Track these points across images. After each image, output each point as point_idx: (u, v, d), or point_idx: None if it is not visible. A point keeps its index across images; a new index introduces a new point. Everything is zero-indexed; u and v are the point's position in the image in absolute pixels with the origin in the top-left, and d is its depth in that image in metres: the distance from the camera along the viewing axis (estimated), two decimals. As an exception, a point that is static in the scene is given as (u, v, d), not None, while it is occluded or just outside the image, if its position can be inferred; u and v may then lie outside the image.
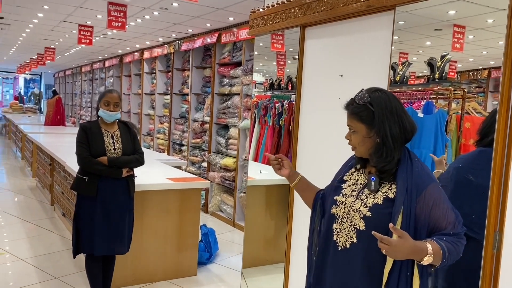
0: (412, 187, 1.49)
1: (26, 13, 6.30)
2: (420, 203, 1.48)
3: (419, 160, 1.58)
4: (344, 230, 1.59)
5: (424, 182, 1.50)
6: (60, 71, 18.41)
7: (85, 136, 2.99)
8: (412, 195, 1.48)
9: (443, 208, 1.47)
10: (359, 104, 1.56)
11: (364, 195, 1.58)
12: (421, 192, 1.48)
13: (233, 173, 5.90)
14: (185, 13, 5.51)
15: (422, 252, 1.39)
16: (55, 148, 5.69)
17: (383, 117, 1.52)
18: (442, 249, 1.41)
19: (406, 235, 1.38)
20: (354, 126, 1.58)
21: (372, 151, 1.55)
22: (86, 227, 2.98)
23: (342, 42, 2.67)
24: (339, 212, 1.62)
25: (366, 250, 1.52)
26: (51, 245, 4.61)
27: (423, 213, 1.47)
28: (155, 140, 8.68)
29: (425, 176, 1.52)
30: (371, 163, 1.59)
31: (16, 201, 6.52)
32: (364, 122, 1.55)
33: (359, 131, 1.57)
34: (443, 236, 1.44)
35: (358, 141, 1.58)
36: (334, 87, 2.68)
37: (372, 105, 1.54)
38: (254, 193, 3.88)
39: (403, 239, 1.37)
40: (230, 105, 6.09)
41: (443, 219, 1.46)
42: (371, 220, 1.52)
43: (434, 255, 1.39)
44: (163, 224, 3.81)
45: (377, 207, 1.52)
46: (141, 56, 9.21)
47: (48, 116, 10.43)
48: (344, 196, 1.63)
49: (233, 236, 5.45)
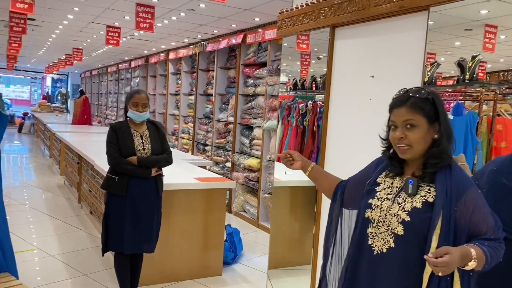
0: (452, 191, 1.45)
1: (56, 15, 6.45)
2: (460, 207, 1.44)
3: (457, 164, 1.54)
4: (381, 235, 1.55)
5: (465, 186, 1.47)
6: (86, 71, 18.78)
7: (115, 137, 3.04)
8: (452, 199, 1.44)
9: (483, 213, 1.44)
10: (420, 97, 1.50)
11: (402, 199, 1.53)
12: (462, 196, 1.45)
13: (257, 174, 5.91)
14: (212, 14, 5.55)
15: (467, 258, 1.36)
16: (83, 147, 5.80)
17: (443, 111, 1.50)
18: (485, 254, 1.38)
19: (450, 249, 1.34)
20: (416, 120, 1.49)
21: (429, 147, 1.50)
22: (115, 225, 3.03)
23: (373, 43, 2.64)
24: (374, 216, 1.58)
25: (404, 254, 1.49)
26: (79, 242, 4.70)
27: (463, 218, 1.44)
28: (180, 140, 8.76)
29: (465, 180, 1.49)
30: (413, 164, 1.55)
31: (44, 199, 6.67)
32: (426, 115, 1.49)
33: (420, 125, 1.49)
34: (485, 241, 1.41)
35: (418, 137, 1.49)
36: (365, 88, 2.65)
37: (433, 99, 1.50)
38: (280, 194, 3.87)
39: (451, 255, 1.31)
40: (254, 106, 6.10)
41: (483, 224, 1.44)
42: (410, 224, 1.48)
43: (478, 260, 1.37)
44: (189, 223, 3.84)
45: (416, 211, 1.48)
46: (167, 56, 9.31)
47: (75, 116, 10.65)
48: (380, 200, 1.59)
49: (257, 236, 5.45)
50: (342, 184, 1.85)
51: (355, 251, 1.66)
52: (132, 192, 3.02)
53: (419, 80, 2.33)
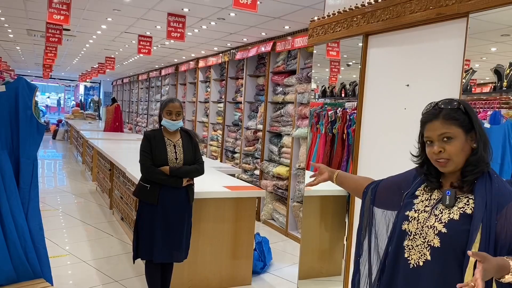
0: (492, 203, 1.40)
1: (91, 25, 6.64)
2: (501, 220, 1.38)
3: (498, 176, 1.48)
4: (417, 247, 1.51)
5: (506, 198, 1.41)
6: (118, 79, 19.20)
7: (148, 145, 3.07)
8: (492, 211, 1.39)
9: None
10: (452, 108, 1.47)
11: (439, 211, 1.49)
12: (502, 209, 1.39)
13: (286, 182, 5.87)
14: (241, 22, 5.58)
15: (504, 270, 1.30)
16: (115, 154, 5.91)
17: (477, 120, 1.48)
18: None
19: (488, 256, 1.28)
20: (452, 132, 1.45)
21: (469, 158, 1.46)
22: (146, 233, 3.05)
23: (407, 51, 2.58)
24: (411, 228, 1.54)
25: (441, 267, 1.44)
26: (111, 248, 4.77)
27: (503, 232, 1.38)
28: (209, 147, 8.82)
29: (506, 191, 1.43)
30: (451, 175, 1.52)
31: (76, 204, 6.83)
32: (461, 125, 1.45)
33: (457, 136, 1.45)
34: None
35: (457, 149, 1.45)
36: (400, 97, 2.59)
37: (465, 108, 1.47)
38: (310, 204, 3.83)
39: (487, 263, 1.26)
40: (283, 114, 6.07)
41: None
42: (447, 236, 1.44)
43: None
44: (218, 232, 3.84)
45: (453, 223, 1.44)
46: (196, 65, 9.41)
47: (108, 123, 10.88)
48: (417, 212, 1.55)
49: (286, 246, 5.40)
50: (375, 183, 1.86)
51: (390, 264, 1.62)
52: (163, 200, 3.04)
53: (457, 89, 2.26)
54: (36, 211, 2.69)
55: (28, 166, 2.63)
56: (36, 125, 2.69)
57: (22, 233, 2.55)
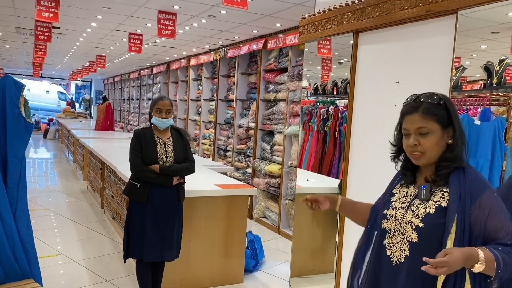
0: (466, 194, 1.41)
1: (80, 23, 6.57)
2: (475, 211, 1.39)
3: (472, 168, 1.49)
4: (397, 244, 1.53)
5: (479, 188, 1.42)
6: (109, 78, 19.08)
7: (138, 143, 3.05)
8: (466, 202, 1.40)
9: (501, 217, 1.38)
10: (433, 102, 1.48)
11: (415, 206, 1.50)
12: (476, 200, 1.40)
13: (278, 180, 5.86)
14: (233, 20, 5.55)
15: (473, 259, 1.32)
16: (106, 153, 5.87)
17: (455, 116, 1.47)
18: (496, 257, 1.32)
19: (452, 249, 1.32)
20: (429, 126, 1.46)
21: (443, 152, 1.47)
22: (137, 232, 3.03)
23: (398, 48, 2.58)
24: (390, 226, 1.56)
25: (421, 262, 1.41)
26: (102, 248, 4.74)
27: (478, 222, 1.39)
28: (201, 146, 8.80)
29: (480, 183, 1.44)
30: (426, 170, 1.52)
31: (67, 204, 6.77)
32: (439, 121, 1.46)
33: (434, 131, 1.46)
34: (498, 246, 1.36)
35: (432, 144, 1.46)
36: (390, 93, 2.59)
37: (446, 104, 1.48)
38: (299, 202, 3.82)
39: (450, 255, 1.29)
40: (275, 111, 6.07)
41: (500, 229, 1.38)
42: (423, 231, 1.45)
43: (486, 262, 1.31)
44: (210, 230, 3.82)
45: (429, 217, 1.45)
46: (188, 63, 9.37)
47: (99, 121, 10.81)
48: (394, 209, 1.56)
49: (278, 243, 5.40)
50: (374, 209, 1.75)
51: (374, 264, 1.63)
52: (153, 199, 3.02)
53: (447, 86, 2.26)
54: (24, 211, 2.65)
55: (16, 165, 2.60)
56: (23, 124, 2.65)
57: (10, 233, 2.52)
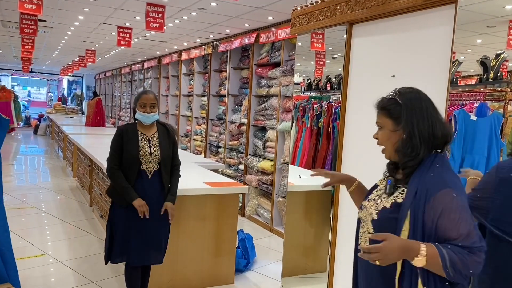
0: (422, 192, 1.39)
1: (67, 16, 6.39)
2: (428, 209, 1.37)
3: (443, 167, 1.44)
4: (363, 234, 1.59)
5: (435, 187, 1.38)
6: (100, 73, 18.86)
7: (119, 141, 2.88)
8: (420, 200, 1.38)
9: (453, 218, 1.34)
10: (388, 99, 1.54)
11: (380, 199, 1.55)
12: (430, 198, 1.37)
13: (270, 177, 5.75)
14: (224, 13, 5.41)
15: (413, 251, 1.32)
16: (93, 149, 5.72)
17: (411, 111, 1.47)
18: (441, 255, 1.31)
19: (390, 236, 1.34)
20: (381, 121, 1.54)
21: (398, 146, 1.49)
22: (121, 235, 2.88)
23: (393, 40, 2.46)
24: (361, 216, 1.61)
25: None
26: (89, 247, 4.60)
27: (430, 221, 1.37)
28: (192, 142, 8.65)
29: (439, 180, 1.40)
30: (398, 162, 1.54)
31: (56, 201, 6.61)
32: (391, 116, 1.50)
33: (385, 125, 1.52)
34: (448, 245, 1.34)
35: (383, 138, 1.53)
36: (385, 87, 2.45)
37: (400, 99, 1.50)
38: (294, 199, 3.71)
39: (388, 241, 1.32)
40: (268, 107, 5.94)
41: (452, 229, 1.34)
42: (377, 224, 1.50)
43: (428, 258, 1.31)
44: (199, 230, 3.70)
45: (384, 211, 1.49)
46: (179, 57, 9.22)
47: (89, 117, 10.64)
48: (368, 200, 1.60)
49: (270, 242, 5.29)
50: None
51: (355, 252, 1.69)
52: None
53: (445, 79, 2.15)
54: (1, 212, 2.52)
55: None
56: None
57: (-16, 236, 2.39)
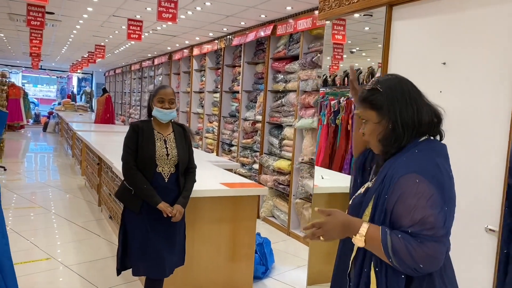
0: (388, 177, 1.31)
1: (75, 8, 6.14)
2: (389, 195, 1.29)
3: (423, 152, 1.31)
4: None
5: (401, 171, 1.28)
6: (110, 70, 18.69)
7: (134, 139, 2.60)
8: (385, 185, 1.31)
9: (408, 204, 1.23)
10: (368, 90, 1.40)
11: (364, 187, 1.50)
12: (393, 182, 1.29)
13: (287, 177, 5.44)
14: (239, 3, 5.11)
15: (353, 230, 1.28)
16: (103, 147, 5.47)
17: (392, 99, 1.35)
18: (383, 239, 1.22)
19: (336, 212, 1.31)
20: (365, 114, 1.41)
21: (381, 138, 1.38)
22: (136, 244, 2.59)
23: (443, 22, 2.14)
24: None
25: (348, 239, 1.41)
26: (97, 250, 4.34)
27: (389, 206, 1.28)
28: (204, 140, 8.37)
29: (406, 166, 1.29)
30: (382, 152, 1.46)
31: (64, 201, 6.37)
32: (374, 107, 1.38)
33: (370, 119, 1.40)
34: (399, 232, 1.24)
35: (369, 132, 1.40)
36: (434, 77, 2.16)
37: (381, 88, 1.37)
38: (320, 202, 3.40)
39: (331, 216, 1.30)
40: (284, 103, 5.63)
41: (405, 216, 1.24)
42: (350, 209, 1.48)
43: (367, 238, 1.26)
44: (216, 234, 3.41)
45: (357, 196, 1.47)
46: (190, 53, 8.94)
47: (98, 114, 10.42)
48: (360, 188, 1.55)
49: (288, 246, 4.99)
50: None
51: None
52: (149, 209, 2.57)
53: (509, 67, 1.83)
54: (-2, 216, 2.24)
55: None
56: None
57: (-21, 243, 2.11)
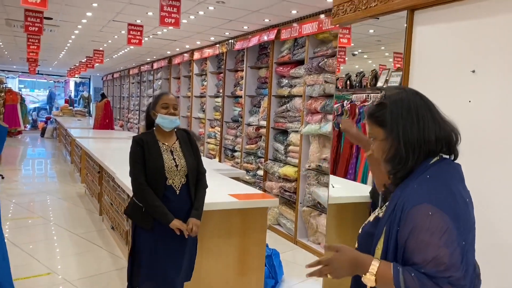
0: (399, 207, 1.21)
1: (74, 13, 6.00)
2: (401, 227, 1.19)
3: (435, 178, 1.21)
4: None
5: (411, 201, 1.18)
6: (108, 74, 18.53)
7: (141, 153, 2.46)
8: (396, 215, 1.21)
9: (421, 240, 1.14)
10: (376, 104, 1.34)
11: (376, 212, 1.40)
12: (405, 213, 1.18)
13: (294, 184, 5.31)
14: (243, 7, 4.99)
15: (362, 268, 1.18)
16: (104, 155, 5.32)
17: (396, 115, 1.26)
18: (396, 279, 1.12)
19: (344, 248, 1.23)
20: (372, 132, 1.33)
21: (386, 157, 1.30)
22: (147, 262, 2.46)
23: (471, 27, 2.02)
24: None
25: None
26: (100, 263, 4.20)
27: (401, 239, 1.19)
28: (206, 145, 8.24)
29: (417, 194, 1.19)
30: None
31: (64, 210, 6.22)
32: (380, 124, 1.30)
33: (377, 135, 1.32)
34: (413, 271, 1.13)
35: (378, 151, 1.32)
36: (462, 86, 2.03)
37: (388, 102, 1.29)
38: (335, 212, 3.27)
39: (338, 253, 1.21)
40: (290, 108, 5.51)
41: (417, 252, 1.14)
42: (359, 239, 1.39)
43: (378, 277, 1.15)
44: (224, 247, 3.27)
45: (367, 225, 1.38)
46: (191, 57, 8.81)
47: (97, 120, 10.27)
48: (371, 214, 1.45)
49: (295, 256, 4.86)
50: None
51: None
52: (161, 227, 2.44)
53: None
54: None
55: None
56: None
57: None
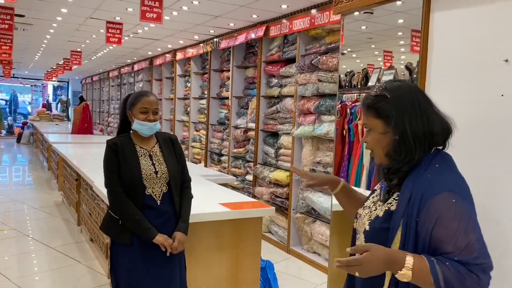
0: (416, 197, 1.18)
1: (48, 9, 5.60)
2: (422, 217, 1.16)
3: (444, 166, 1.23)
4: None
5: (432, 190, 1.17)
6: (87, 77, 18.02)
7: (115, 160, 2.16)
8: (414, 206, 1.18)
9: (450, 228, 1.12)
10: (375, 95, 1.32)
11: (375, 207, 1.37)
12: (426, 204, 1.16)
13: (286, 189, 5.03)
14: (230, 1, 4.69)
15: (397, 263, 1.13)
16: (81, 161, 4.95)
17: (401, 108, 1.26)
18: (433, 270, 1.10)
19: (373, 246, 1.16)
20: (369, 123, 1.33)
21: (388, 150, 1.29)
22: (128, 281, 2.15)
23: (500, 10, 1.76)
24: (356, 226, 1.45)
25: None
26: (78, 280, 3.83)
27: (424, 231, 1.16)
28: (190, 149, 7.90)
29: (436, 183, 1.18)
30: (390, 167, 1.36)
31: (40, 221, 5.80)
32: (380, 116, 1.29)
33: (375, 128, 1.32)
34: (446, 260, 1.11)
35: (373, 142, 1.33)
36: (492, 78, 1.77)
37: (389, 95, 1.28)
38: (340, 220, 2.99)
39: (369, 252, 1.14)
40: (280, 109, 5.22)
41: (447, 241, 1.12)
42: (369, 235, 1.33)
43: (415, 272, 1.11)
44: (216, 260, 2.96)
45: (376, 220, 1.33)
46: (174, 57, 8.47)
47: (75, 124, 9.82)
48: (364, 208, 1.43)
49: (288, 265, 4.57)
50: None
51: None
52: (141, 242, 2.15)
53: None
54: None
55: None
56: None
57: None
